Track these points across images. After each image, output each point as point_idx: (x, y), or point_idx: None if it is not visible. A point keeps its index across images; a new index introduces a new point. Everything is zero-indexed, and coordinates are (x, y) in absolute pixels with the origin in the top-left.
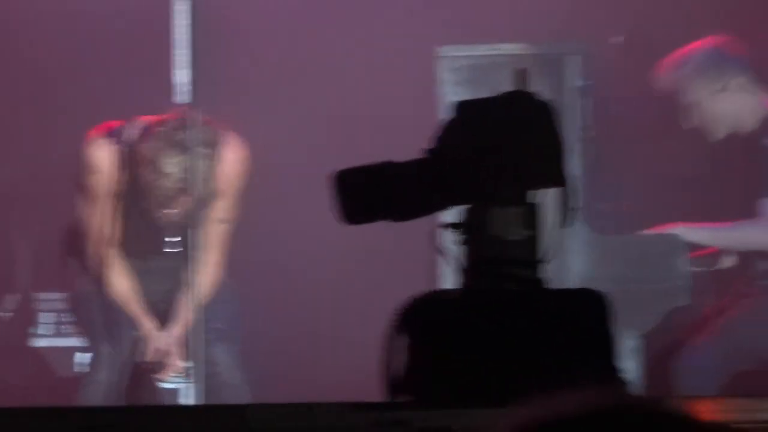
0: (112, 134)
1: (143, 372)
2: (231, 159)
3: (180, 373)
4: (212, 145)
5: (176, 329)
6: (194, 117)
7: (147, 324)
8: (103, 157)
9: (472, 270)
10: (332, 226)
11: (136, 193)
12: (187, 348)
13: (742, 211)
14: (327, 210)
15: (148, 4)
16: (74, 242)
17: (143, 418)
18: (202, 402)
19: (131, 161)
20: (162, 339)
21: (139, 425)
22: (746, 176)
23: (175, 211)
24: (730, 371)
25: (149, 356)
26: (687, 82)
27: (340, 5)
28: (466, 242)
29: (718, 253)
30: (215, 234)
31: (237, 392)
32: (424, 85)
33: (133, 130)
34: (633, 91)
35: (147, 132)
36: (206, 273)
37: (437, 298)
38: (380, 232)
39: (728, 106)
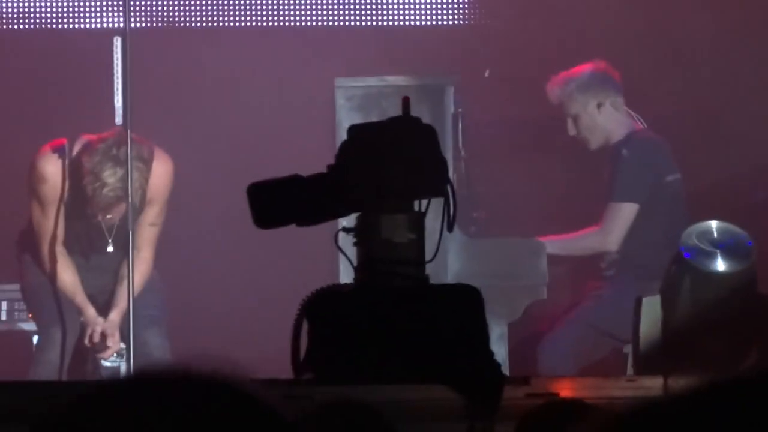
0: (60, 150)
1: (86, 353)
2: (160, 171)
3: (118, 353)
4: (144, 160)
5: (114, 315)
6: (127, 135)
7: (89, 311)
8: (51, 169)
9: (365, 267)
10: (248, 229)
11: (79, 200)
12: (124, 332)
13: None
14: (242, 215)
15: (93, 41)
16: (27, 241)
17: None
18: None
19: (75, 173)
20: (102, 324)
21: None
22: (607, 182)
23: (113, 215)
24: (582, 354)
25: (91, 339)
26: (572, 96)
27: (254, 47)
28: (361, 244)
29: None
30: (147, 235)
31: None
32: (324, 110)
33: (77, 146)
34: (499, 116)
35: (88, 148)
36: (139, 268)
37: (336, 292)
38: (288, 234)
39: (603, 120)
